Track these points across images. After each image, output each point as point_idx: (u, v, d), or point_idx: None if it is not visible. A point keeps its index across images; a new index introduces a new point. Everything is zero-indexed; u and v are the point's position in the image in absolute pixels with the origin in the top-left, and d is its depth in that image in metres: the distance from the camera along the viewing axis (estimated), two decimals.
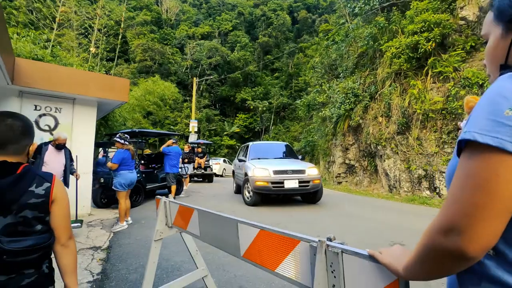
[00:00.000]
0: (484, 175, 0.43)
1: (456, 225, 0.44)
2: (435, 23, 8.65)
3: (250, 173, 6.75)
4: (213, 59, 37.87)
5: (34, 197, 1.00)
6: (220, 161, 18.70)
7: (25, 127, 1.06)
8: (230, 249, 1.47)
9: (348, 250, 0.91)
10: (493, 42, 0.62)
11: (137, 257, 3.36)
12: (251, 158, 7.77)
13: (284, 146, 9.23)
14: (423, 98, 8.70)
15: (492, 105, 0.46)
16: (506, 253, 0.47)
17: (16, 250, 0.93)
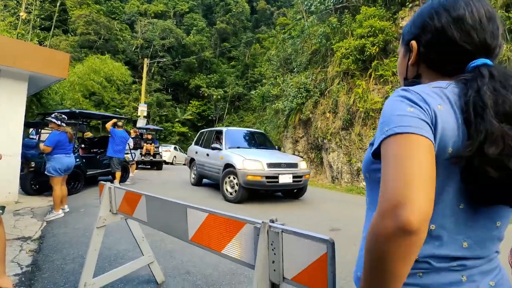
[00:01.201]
0: (406, 151, 0.51)
1: (396, 202, 0.47)
2: (379, 29, 9.44)
3: (239, 165, 5.81)
4: (167, 41, 35.86)
5: None
6: (170, 148, 18.07)
7: None
8: (178, 234, 1.50)
9: (287, 230, 1.01)
10: (399, 59, 0.78)
11: (74, 247, 3.15)
12: (228, 146, 6.81)
13: (261, 134, 8.50)
14: (365, 98, 9.52)
15: (397, 106, 0.57)
16: None
17: None
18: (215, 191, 7.35)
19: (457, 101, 0.57)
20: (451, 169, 0.55)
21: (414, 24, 0.71)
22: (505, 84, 0.56)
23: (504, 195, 0.54)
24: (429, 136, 0.52)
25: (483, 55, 0.61)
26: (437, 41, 0.64)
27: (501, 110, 0.53)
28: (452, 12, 0.63)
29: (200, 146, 8.16)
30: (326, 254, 0.91)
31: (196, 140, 8.85)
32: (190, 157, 8.69)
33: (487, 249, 0.60)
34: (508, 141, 0.51)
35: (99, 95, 23.00)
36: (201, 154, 7.83)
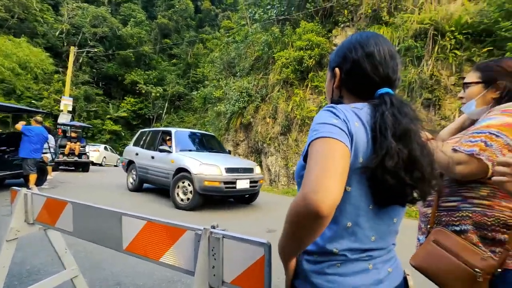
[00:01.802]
0: (326, 151, 0.61)
1: (312, 188, 0.56)
2: (316, 44, 10.26)
3: (195, 169, 5.47)
4: (99, 29, 32.56)
5: None
6: (100, 148, 16.42)
7: None
8: (111, 244, 1.40)
9: (227, 235, 1.06)
10: (326, 81, 0.91)
11: None
12: (179, 149, 6.38)
13: (212, 137, 8.18)
14: (302, 106, 10.20)
15: (324, 118, 0.68)
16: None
17: None
18: (160, 197, 6.84)
19: (368, 120, 0.71)
20: (362, 177, 0.68)
21: (337, 53, 0.84)
22: (400, 110, 0.70)
23: (397, 197, 0.69)
24: (346, 143, 0.63)
25: (386, 85, 0.76)
26: (354, 71, 0.78)
27: (397, 132, 0.67)
28: (365, 48, 0.77)
29: (142, 148, 7.44)
30: (264, 256, 0.98)
31: (136, 140, 8.03)
32: (127, 159, 7.82)
33: (387, 242, 0.76)
34: (401, 156, 0.65)
35: (9, 83, 19.57)
36: (144, 157, 7.15)
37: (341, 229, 0.70)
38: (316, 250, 0.72)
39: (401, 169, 0.65)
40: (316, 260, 0.72)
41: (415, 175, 0.66)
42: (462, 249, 1.03)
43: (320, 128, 0.65)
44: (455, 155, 1.02)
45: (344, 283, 0.69)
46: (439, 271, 1.06)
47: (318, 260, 0.71)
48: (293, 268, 0.76)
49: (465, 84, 1.25)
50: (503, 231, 1.00)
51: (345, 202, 0.68)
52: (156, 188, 7.70)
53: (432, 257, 1.09)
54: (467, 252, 1.01)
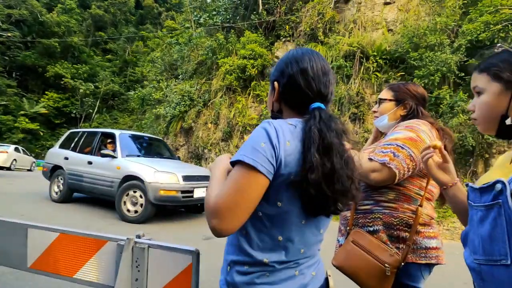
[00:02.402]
0: (243, 184, 0.66)
1: (220, 213, 0.65)
2: (259, 54, 10.62)
3: (149, 178, 4.97)
4: (16, 11, 28.12)
5: None
6: (8, 149, 13.95)
7: None
8: (11, 262, 1.20)
9: (154, 245, 1.01)
10: (268, 94, 0.92)
11: None
12: (126, 154, 5.73)
13: (160, 141, 7.62)
14: (244, 113, 10.38)
15: (255, 138, 0.70)
16: (250, 233, 0.73)
17: None
18: (97, 209, 5.98)
19: (301, 137, 0.73)
20: (293, 192, 0.71)
21: (276, 68, 0.87)
22: (327, 124, 0.74)
23: (321, 209, 0.73)
24: (264, 170, 0.66)
25: (319, 100, 0.80)
26: (289, 85, 0.81)
27: (322, 145, 0.71)
28: (300, 64, 0.80)
29: (73, 151, 6.52)
30: (191, 264, 0.96)
31: (64, 142, 7.00)
32: (51, 164, 6.73)
33: (313, 250, 0.81)
34: (323, 170, 0.69)
35: None
36: (76, 162, 6.24)
37: (272, 242, 0.72)
38: (247, 260, 0.73)
39: (323, 182, 0.68)
40: (246, 271, 0.73)
41: (336, 188, 0.70)
42: (374, 247, 1.16)
43: (248, 151, 0.68)
44: (370, 164, 1.16)
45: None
46: (357, 269, 1.18)
47: (249, 271, 0.72)
48: None
49: (380, 100, 1.44)
50: (405, 229, 1.16)
51: (277, 216, 0.71)
52: (87, 198, 6.79)
53: (351, 256, 1.21)
54: (379, 250, 1.15)
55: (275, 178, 0.69)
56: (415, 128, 1.22)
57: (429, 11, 8.31)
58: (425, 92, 1.43)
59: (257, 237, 0.72)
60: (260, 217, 0.71)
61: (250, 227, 0.72)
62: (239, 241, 0.74)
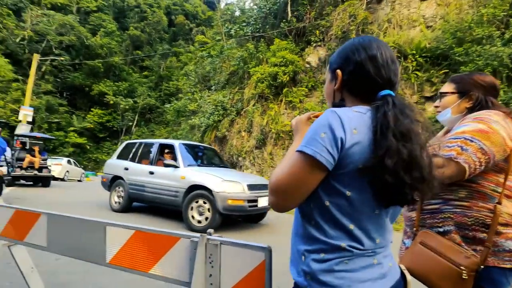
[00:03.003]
0: (300, 172, 0.69)
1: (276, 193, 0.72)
2: (290, 61, 10.65)
3: (217, 187, 4.92)
4: (66, 38, 31.19)
5: None
6: (62, 162, 15.30)
7: None
8: (92, 257, 1.30)
9: (226, 241, 1.03)
10: (326, 83, 0.93)
11: None
12: (187, 164, 5.73)
13: (213, 151, 7.62)
14: (277, 120, 10.40)
15: (316, 128, 0.71)
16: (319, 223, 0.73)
17: None
18: (158, 218, 5.95)
19: (370, 124, 0.72)
20: (362, 181, 0.70)
21: (339, 55, 0.86)
22: (402, 111, 0.73)
23: (397, 197, 0.71)
24: (323, 160, 0.67)
25: (388, 87, 0.78)
26: (357, 72, 0.80)
27: (398, 131, 0.69)
28: (368, 51, 0.79)
29: (132, 161, 6.58)
30: (264, 261, 0.97)
31: (121, 153, 7.07)
32: (111, 174, 6.79)
33: (387, 240, 0.79)
34: (401, 155, 0.67)
35: None
36: (137, 172, 6.28)
37: (344, 231, 0.71)
38: (323, 247, 0.72)
39: (401, 169, 0.66)
40: (324, 259, 0.72)
41: (414, 175, 0.68)
42: (447, 249, 1.09)
43: (308, 141, 0.70)
44: (434, 160, 1.10)
45: (352, 278, 0.70)
46: (427, 271, 1.11)
47: (326, 258, 0.72)
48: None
49: (441, 94, 1.36)
50: (482, 230, 1.07)
51: (346, 206, 0.70)
52: (145, 207, 6.92)
53: (420, 258, 1.14)
54: (452, 252, 1.07)
55: (341, 167, 0.68)
56: (486, 119, 1.13)
57: (472, 3, 7.78)
58: (495, 80, 1.32)
59: (327, 227, 0.71)
60: (328, 207, 0.71)
61: (319, 217, 0.72)
62: (308, 231, 0.74)
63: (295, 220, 0.82)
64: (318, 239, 0.72)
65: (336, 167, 0.68)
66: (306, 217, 0.74)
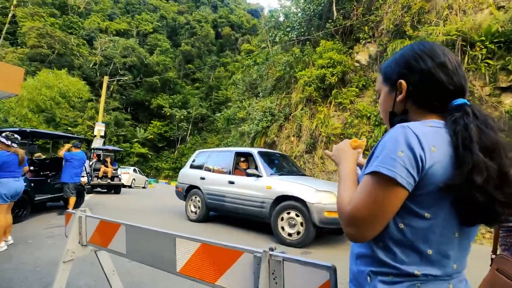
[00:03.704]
0: (380, 196, 0.64)
1: (355, 223, 0.67)
2: (338, 61, 10.30)
3: (311, 198, 4.52)
4: (129, 59, 34.93)
5: None
6: (129, 170, 17.04)
7: None
8: (164, 266, 1.42)
9: (288, 258, 1.04)
10: (383, 97, 0.86)
11: (23, 284, 2.76)
12: (270, 173, 5.40)
13: (287, 158, 7.21)
14: (327, 123, 10.11)
15: (391, 146, 0.66)
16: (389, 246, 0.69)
17: None
18: (240, 230, 5.69)
19: (449, 139, 0.67)
20: (443, 201, 0.65)
21: (398, 65, 0.80)
22: (485, 122, 0.67)
23: (484, 216, 0.65)
24: (403, 182, 0.62)
25: (460, 95, 0.73)
26: (426, 82, 0.74)
27: (484, 145, 0.64)
28: (435, 59, 0.74)
29: (207, 171, 6.40)
30: (329, 281, 0.95)
31: (194, 162, 6.91)
32: (186, 184, 6.66)
33: (464, 265, 0.72)
34: (490, 171, 0.61)
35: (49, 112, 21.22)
36: (215, 181, 6.06)
37: (420, 256, 0.66)
38: (392, 272, 0.68)
39: (491, 185, 0.61)
40: (393, 281, 0.68)
41: (506, 191, 0.62)
42: None
43: (385, 161, 0.64)
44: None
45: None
46: None
47: (396, 281, 0.67)
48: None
49: None
50: None
51: (423, 229, 0.65)
52: (220, 216, 6.78)
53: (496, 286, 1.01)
54: None
55: (420, 188, 0.64)
56: None
57: None
58: None
59: (399, 251, 0.67)
60: (402, 230, 0.66)
61: (389, 239, 0.68)
62: (375, 253, 0.70)
63: None
64: (386, 263, 0.68)
65: (415, 188, 0.64)
66: (373, 238, 0.70)
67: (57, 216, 6.29)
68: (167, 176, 32.65)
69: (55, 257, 3.44)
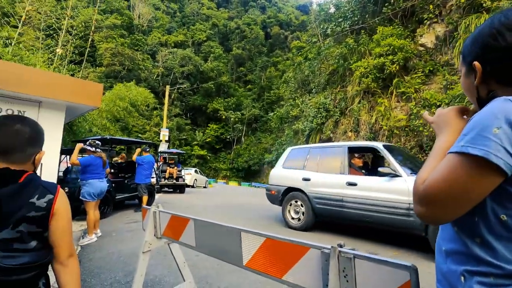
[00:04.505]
0: (464, 177, 0.56)
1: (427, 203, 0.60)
2: (398, 47, 9.45)
3: None
4: (186, 68, 37.57)
5: (34, 210, 0.91)
6: (191, 171, 18.29)
7: (33, 134, 0.98)
8: (231, 259, 1.47)
9: (360, 255, 0.97)
10: (462, 78, 0.78)
11: (111, 272, 3.16)
12: (410, 172, 4.30)
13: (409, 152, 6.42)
14: (388, 116, 9.35)
15: (484, 122, 0.57)
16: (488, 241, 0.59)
17: (11, 267, 0.84)
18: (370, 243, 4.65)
19: None
20: None
21: (475, 44, 0.72)
22: None
23: None
24: (499, 162, 0.53)
25: None
26: (507, 60, 0.65)
27: None
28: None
29: (311, 171, 5.48)
30: (410, 282, 0.86)
31: (289, 161, 6.03)
32: (283, 186, 5.76)
33: None
34: None
35: (122, 121, 24.09)
36: (326, 183, 5.11)
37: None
38: (493, 272, 0.58)
39: None
40: (495, 283, 0.58)
41: None
42: None
43: (475, 140, 0.56)
44: None
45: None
46: None
47: (499, 283, 0.58)
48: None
49: None
50: None
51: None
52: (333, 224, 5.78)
53: None
54: None
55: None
56: None
57: None
58: None
59: (502, 247, 0.57)
60: (505, 222, 0.57)
61: (488, 234, 0.59)
62: (471, 250, 0.61)
63: (444, 233, 0.70)
64: (485, 261, 0.59)
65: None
66: (468, 232, 0.62)
67: (134, 213, 7.07)
68: (225, 176, 34.14)
69: (135, 248, 3.86)
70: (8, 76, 4.85)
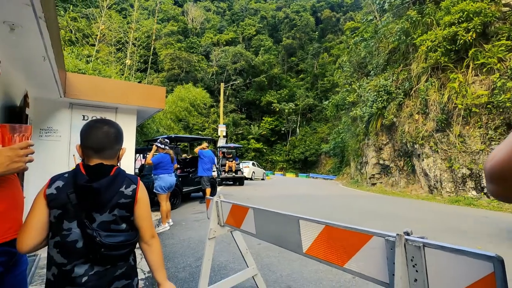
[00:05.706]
0: None
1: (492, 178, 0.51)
2: (474, 12, 8.13)
3: None
4: (238, 64, 38.47)
5: (123, 197, 1.09)
6: (249, 164, 18.84)
7: (118, 134, 1.18)
8: (291, 246, 1.49)
9: (430, 244, 0.89)
10: None
11: (183, 257, 3.49)
12: None
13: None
14: (464, 92, 8.19)
15: None
16: None
17: (112, 244, 1.03)
18: None
19: None
20: None
21: None
22: None
23: None
24: None
25: None
26: None
27: None
28: None
29: None
30: (494, 274, 0.76)
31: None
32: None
33: None
34: None
35: (184, 120, 26.05)
36: None
37: None
38: None
39: None
40: None
41: None
42: None
43: None
44: None
45: None
46: None
47: None
48: None
49: None
50: None
51: None
52: None
53: None
54: None
55: None
56: None
57: None
58: None
59: None
60: None
61: None
62: None
63: None
64: None
65: None
66: None
67: (199, 204, 7.63)
68: (282, 168, 34.29)
69: (202, 236, 4.18)
70: (92, 88, 5.65)
